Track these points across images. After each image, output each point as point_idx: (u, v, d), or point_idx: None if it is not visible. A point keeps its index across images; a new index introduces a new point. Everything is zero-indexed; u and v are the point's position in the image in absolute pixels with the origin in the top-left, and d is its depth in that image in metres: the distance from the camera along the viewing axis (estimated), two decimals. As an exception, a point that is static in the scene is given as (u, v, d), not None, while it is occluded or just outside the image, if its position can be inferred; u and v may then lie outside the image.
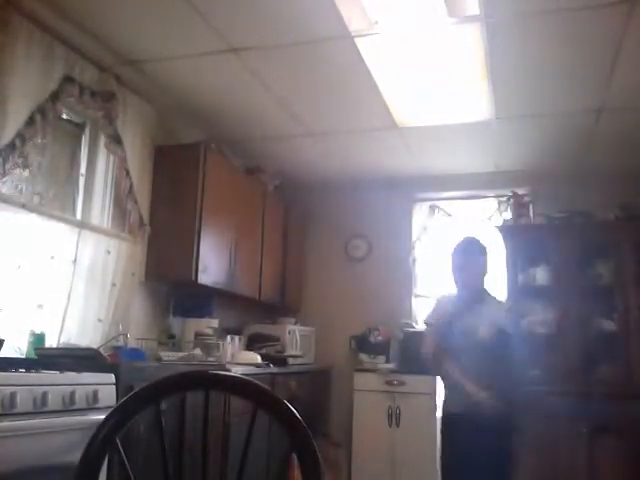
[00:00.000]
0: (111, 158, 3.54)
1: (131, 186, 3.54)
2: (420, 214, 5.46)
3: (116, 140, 3.41)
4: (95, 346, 3.06)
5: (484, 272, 3.19)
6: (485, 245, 3.24)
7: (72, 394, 2.23)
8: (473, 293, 3.15)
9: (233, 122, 4.32)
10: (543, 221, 4.79)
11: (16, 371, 2.22)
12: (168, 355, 3.37)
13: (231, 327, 4.51)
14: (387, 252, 5.40)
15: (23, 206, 2.92)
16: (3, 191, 2.85)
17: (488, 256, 3.21)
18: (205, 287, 3.92)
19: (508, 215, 5.02)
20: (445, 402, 3.19)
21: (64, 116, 3.29)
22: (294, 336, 4.87)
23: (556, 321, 4.27)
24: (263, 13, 2.95)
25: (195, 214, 3.78)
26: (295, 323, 5.15)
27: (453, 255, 3.23)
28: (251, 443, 1.13)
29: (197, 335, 3.84)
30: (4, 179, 2.76)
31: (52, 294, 3.09)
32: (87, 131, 3.49)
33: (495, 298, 3.27)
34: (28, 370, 2.27)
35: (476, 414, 2.89)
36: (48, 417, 2.11)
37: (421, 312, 5.31)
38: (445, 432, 3.10)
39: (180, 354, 3.49)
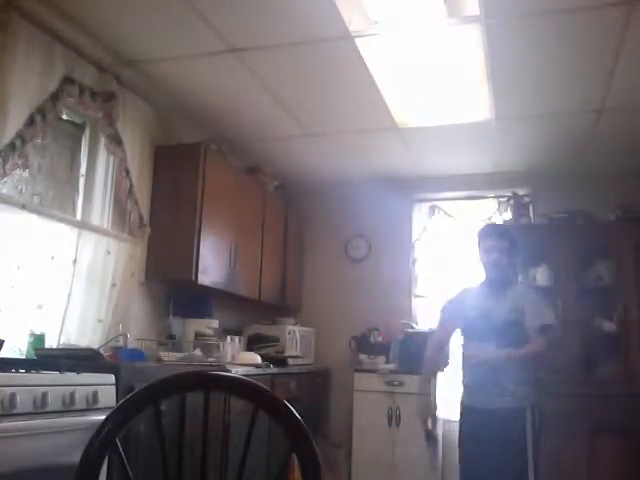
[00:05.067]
0: (111, 158, 3.54)
1: (131, 186, 3.54)
2: (420, 214, 5.46)
3: (116, 140, 3.41)
4: (95, 346, 3.06)
5: (511, 255, 3.12)
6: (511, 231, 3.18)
7: (72, 395, 2.23)
8: (501, 277, 3.10)
9: (233, 122, 4.32)
10: (543, 221, 4.79)
11: (16, 371, 2.22)
12: (168, 355, 3.37)
13: (231, 327, 4.51)
14: (387, 252, 5.40)
15: (23, 206, 2.92)
16: (3, 192, 2.85)
17: (515, 242, 3.13)
18: (205, 287, 3.91)
19: (508, 215, 5.02)
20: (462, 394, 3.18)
21: (64, 117, 3.29)
22: (294, 336, 4.87)
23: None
24: (263, 13, 2.95)
25: (195, 214, 3.78)
26: (295, 323, 5.14)
27: (480, 238, 3.16)
28: (251, 444, 1.13)
29: (197, 335, 3.84)
30: (4, 180, 2.76)
31: (52, 294, 3.09)
32: (87, 131, 3.49)
33: (524, 284, 3.22)
34: (28, 370, 2.26)
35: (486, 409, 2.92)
36: (48, 418, 2.11)
37: (421, 312, 5.32)
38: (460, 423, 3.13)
39: (180, 354, 3.48)
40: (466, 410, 3.09)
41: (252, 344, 4.56)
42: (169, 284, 3.98)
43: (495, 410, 2.90)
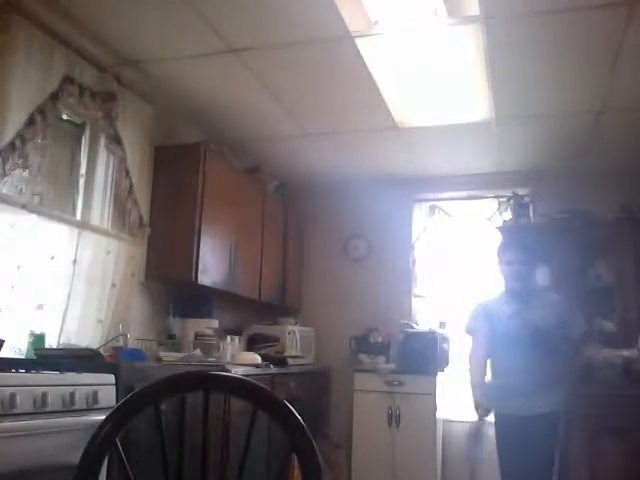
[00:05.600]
0: (111, 158, 3.54)
1: (131, 186, 3.53)
2: (420, 214, 5.46)
3: (116, 140, 3.41)
4: (95, 346, 3.06)
5: (532, 266, 3.17)
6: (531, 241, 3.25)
7: (72, 395, 2.23)
8: (521, 287, 3.12)
9: (233, 122, 4.32)
10: (543, 221, 4.79)
11: (16, 371, 2.22)
12: (168, 355, 3.37)
13: (231, 327, 4.51)
14: (387, 252, 5.40)
15: (23, 206, 2.92)
16: (3, 191, 2.84)
17: (535, 252, 3.20)
18: (205, 287, 3.91)
19: (508, 215, 5.02)
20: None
21: (64, 116, 3.29)
22: (294, 336, 4.86)
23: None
24: (263, 13, 2.95)
25: (195, 214, 3.78)
26: (295, 323, 5.14)
27: (500, 250, 3.21)
28: (251, 444, 1.13)
29: (197, 335, 3.84)
30: (4, 179, 2.76)
31: (52, 294, 3.09)
32: (87, 131, 3.49)
33: (550, 292, 3.25)
34: (28, 370, 2.26)
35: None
36: (48, 417, 2.11)
37: (421, 312, 5.32)
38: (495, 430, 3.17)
39: (180, 354, 3.48)
40: (500, 416, 3.10)
41: (252, 344, 4.56)
42: (169, 284, 3.98)
43: (528, 416, 2.92)
